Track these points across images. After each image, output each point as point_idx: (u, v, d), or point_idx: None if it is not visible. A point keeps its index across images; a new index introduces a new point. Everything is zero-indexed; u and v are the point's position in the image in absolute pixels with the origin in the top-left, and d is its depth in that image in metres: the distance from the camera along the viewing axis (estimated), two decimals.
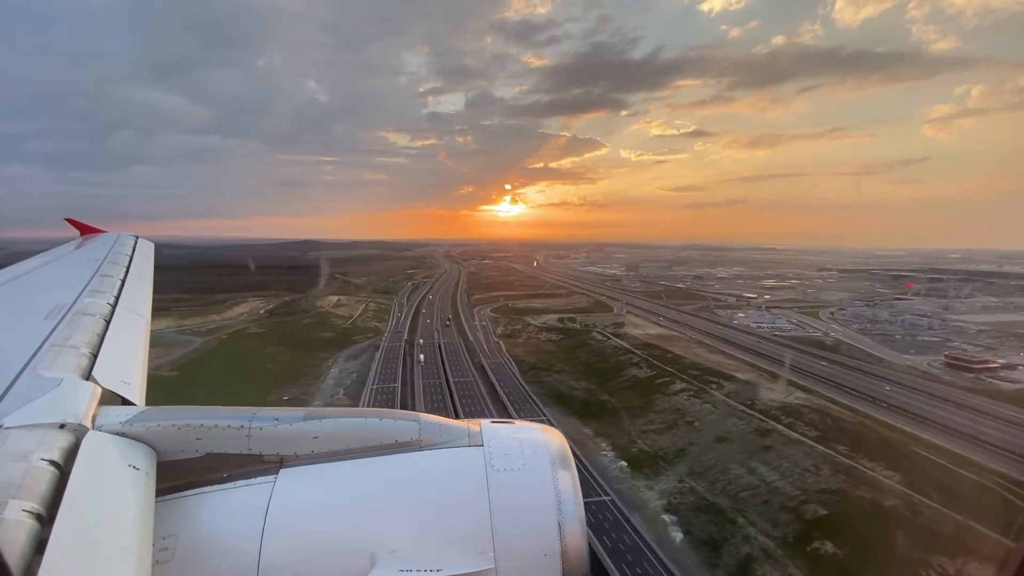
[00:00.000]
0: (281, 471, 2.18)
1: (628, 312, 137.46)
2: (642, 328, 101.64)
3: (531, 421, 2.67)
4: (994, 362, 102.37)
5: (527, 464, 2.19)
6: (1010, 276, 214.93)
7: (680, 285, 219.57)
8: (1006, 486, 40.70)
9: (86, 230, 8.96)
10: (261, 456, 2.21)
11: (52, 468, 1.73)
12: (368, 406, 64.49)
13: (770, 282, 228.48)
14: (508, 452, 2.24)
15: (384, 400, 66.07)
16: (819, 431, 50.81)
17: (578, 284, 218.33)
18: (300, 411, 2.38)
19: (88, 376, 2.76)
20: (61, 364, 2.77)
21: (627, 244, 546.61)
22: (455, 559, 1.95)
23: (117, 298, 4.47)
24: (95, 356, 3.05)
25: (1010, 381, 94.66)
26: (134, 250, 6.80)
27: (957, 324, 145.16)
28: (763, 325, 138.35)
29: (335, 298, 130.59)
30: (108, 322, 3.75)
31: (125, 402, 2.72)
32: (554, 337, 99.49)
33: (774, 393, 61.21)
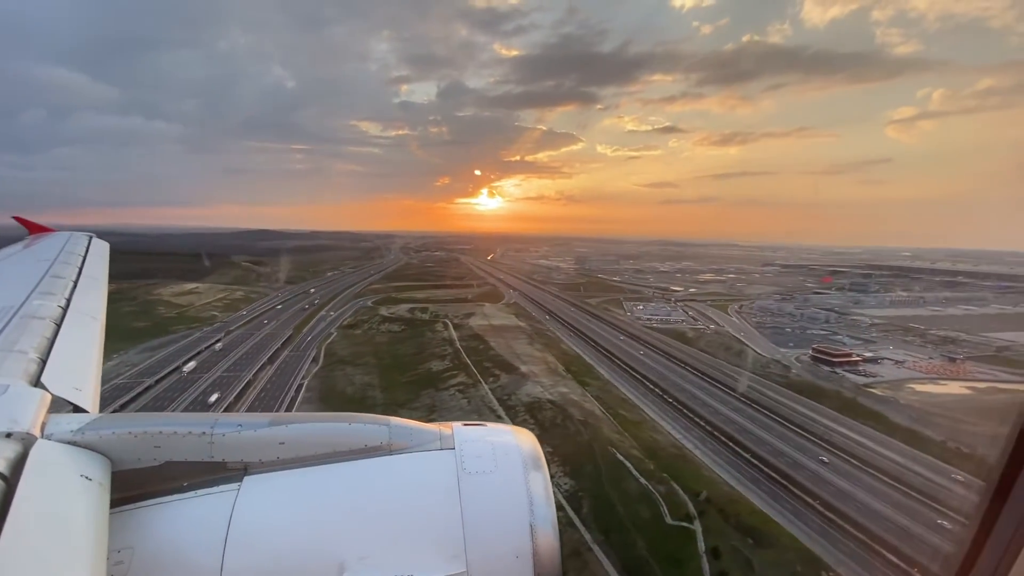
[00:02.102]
0: (245, 478, 2.08)
1: (514, 303, 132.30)
2: (491, 319, 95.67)
3: (503, 424, 2.53)
4: (856, 356, 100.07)
5: (499, 466, 2.15)
6: (938, 273, 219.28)
7: (616, 279, 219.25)
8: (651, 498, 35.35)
9: (35, 228, 7.87)
10: (224, 463, 2.10)
11: None
12: (106, 396, 56.99)
13: (707, 276, 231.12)
14: (480, 455, 2.19)
15: (118, 392, 58.56)
16: (542, 429, 45.15)
17: (500, 276, 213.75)
18: (265, 417, 2.27)
19: (37, 382, 2.64)
20: (7, 370, 2.66)
21: (598, 239, 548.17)
22: (427, 563, 1.90)
23: (69, 300, 4.20)
24: (44, 361, 2.90)
25: (864, 375, 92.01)
26: (87, 250, 6.27)
27: (856, 318, 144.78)
28: (654, 317, 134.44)
29: (190, 285, 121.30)
30: (59, 325, 3.56)
31: (77, 410, 2.57)
32: (394, 328, 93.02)
33: (538, 388, 55.53)
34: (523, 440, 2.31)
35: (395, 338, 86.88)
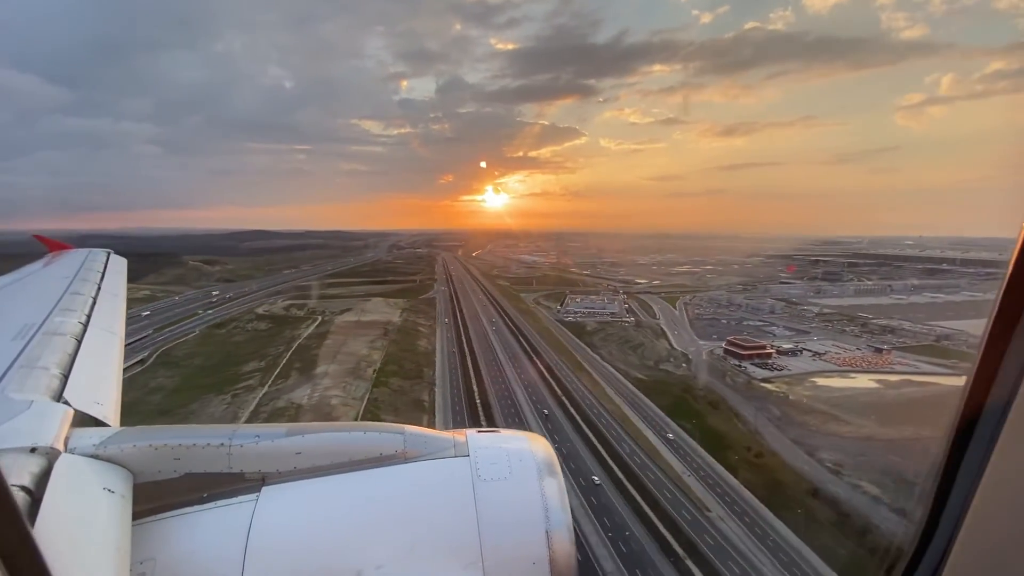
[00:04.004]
0: (263, 489, 2.11)
1: (430, 298, 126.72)
2: (365, 316, 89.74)
3: (516, 430, 2.53)
4: (770, 348, 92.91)
5: (513, 473, 2.16)
6: (924, 260, 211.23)
7: (586, 272, 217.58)
8: None
9: (55, 246, 7.80)
10: (242, 474, 2.14)
11: (23, 494, 1.64)
12: None
13: (683, 268, 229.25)
14: (494, 461, 2.20)
15: None
16: None
17: (457, 271, 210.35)
18: (282, 427, 2.30)
19: (59, 398, 2.69)
20: (31, 386, 2.72)
21: (601, 234, 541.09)
22: (443, 571, 1.91)
23: (89, 316, 4.27)
24: (66, 377, 2.97)
25: (770, 368, 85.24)
26: (106, 266, 6.38)
27: (807, 308, 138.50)
28: (580, 311, 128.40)
29: None
30: (79, 341, 3.63)
31: (99, 423, 2.63)
32: (260, 327, 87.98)
33: (307, 392, 49.57)
34: (537, 446, 2.28)
35: (250, 337, 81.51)
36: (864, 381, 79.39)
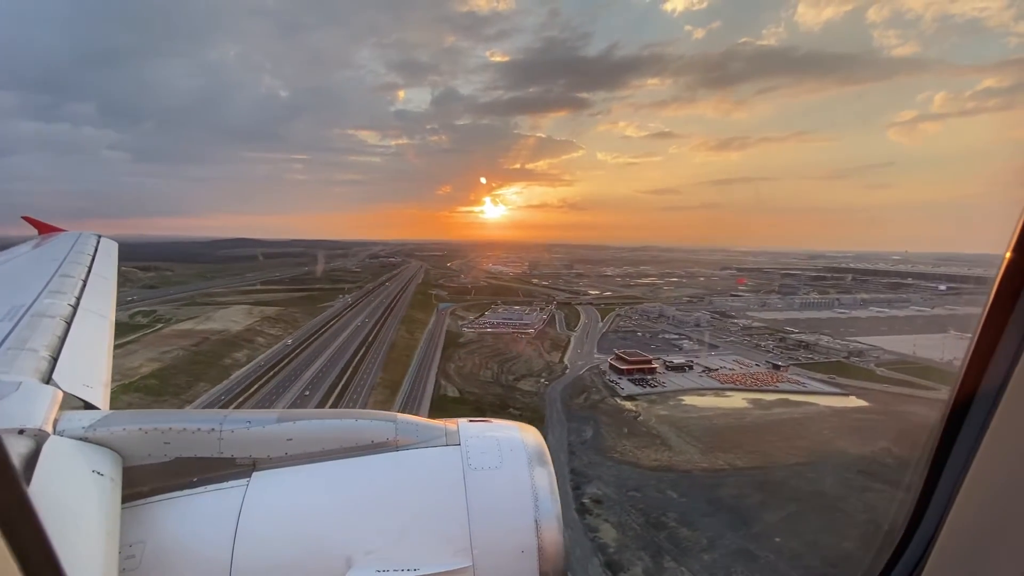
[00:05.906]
0: (254, 474, 2.11)
1: (325, 307, 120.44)
2: (216, 323, 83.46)
3: (507, 420, 2.53)
4: (651, 363, 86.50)
5: (504, 462, 2.16)
6: (891, 275, 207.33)
7: (545, 283, 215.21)
8: None
9: (45, 228, 7.99)
10: (233, 459, 2.13)
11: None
12: None
13: (647, 280, 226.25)
14: (485, 450, 2.20)
15: None
16: None
17: (400, 281, 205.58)
18: (273, 413, 2.30)
19: (48, 380, 2.69)
20: (19, 368, 2.71)
21: (592, 246, 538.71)
22: (432, 558, 1.92)
23: (79, 299, 4.24)
24: (55, 359, 2.95)
25: (645, 384, 78.80)
26: (96, 249, 6.32)
27: (738, 321, 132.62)
28: (501, 321, 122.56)
29: None
30: (69, 324, 3.61)
31: (88, 406, 2.63)
32: None
33: None
34: (528, 436, 2.29)
35: None
36: (736, 400, 72.72)
